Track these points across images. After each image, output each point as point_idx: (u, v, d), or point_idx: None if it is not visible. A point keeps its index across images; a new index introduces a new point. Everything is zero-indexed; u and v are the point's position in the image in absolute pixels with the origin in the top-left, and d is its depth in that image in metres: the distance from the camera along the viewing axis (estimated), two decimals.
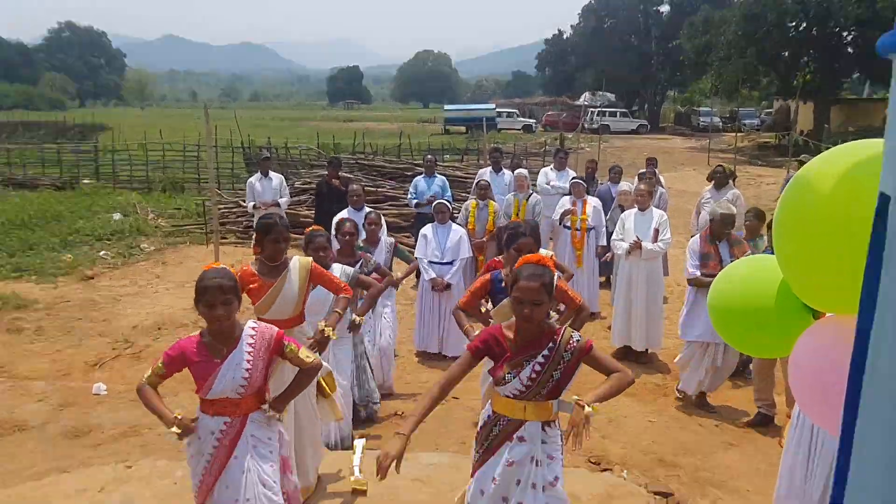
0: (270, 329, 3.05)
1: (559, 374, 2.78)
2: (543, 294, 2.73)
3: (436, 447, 4.87)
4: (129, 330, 7.48)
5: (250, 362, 2.93)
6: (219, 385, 2.88)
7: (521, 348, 2.80)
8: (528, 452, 2.84)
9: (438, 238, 6.92)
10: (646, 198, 6.71)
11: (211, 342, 2.91)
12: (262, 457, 3.01)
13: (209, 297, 2.81)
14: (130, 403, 5.65)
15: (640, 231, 6.63)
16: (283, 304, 3.85)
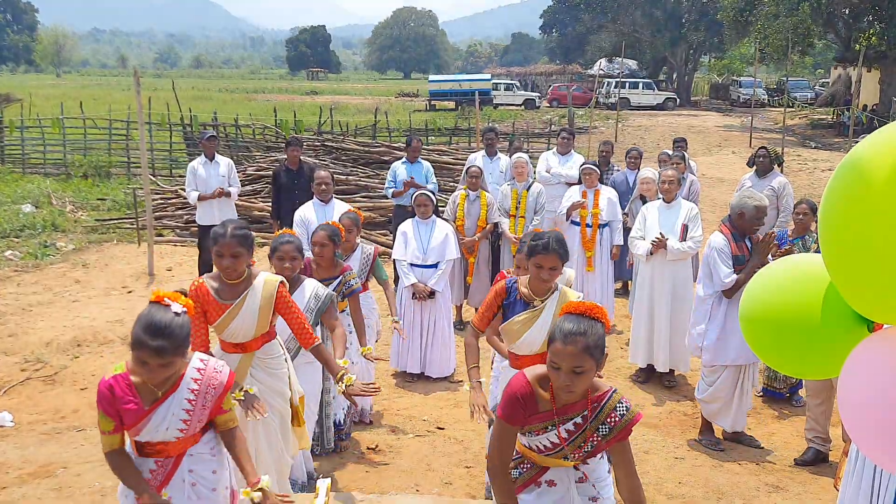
0: (220, 374, 3.02)
1: (589, 448, 2.75)
2: (585, 359, 2.58)
3: (416, 489, 4.89)
4: (41, 347, 7.43)
5: (190, 413, 2.92)
6: (148, 433, 2.89)
7: (557, 409, 2.75)
8: (562, 498, 2.83)
9: (420, 236, 6.94)
10: (673, 186, 6.74)
11: (143, 383, 2.88)
12: (201, 497, 3.02)
13: (142, 356, 2.73)
14: (42, 437, 5.64)
15: (664, 227, 6.67)
16: (242, 328, 3.87)
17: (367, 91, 57.89)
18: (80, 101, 21.75)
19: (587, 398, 2.72)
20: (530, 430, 2.76)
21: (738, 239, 5.52)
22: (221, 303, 3.79)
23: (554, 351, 2.61)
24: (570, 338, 2.57)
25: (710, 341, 5.59)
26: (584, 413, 2.70)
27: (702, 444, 5.72)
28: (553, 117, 28.18)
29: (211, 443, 3.09)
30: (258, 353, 3.95)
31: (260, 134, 18.18)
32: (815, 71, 50.31)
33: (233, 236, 3.68)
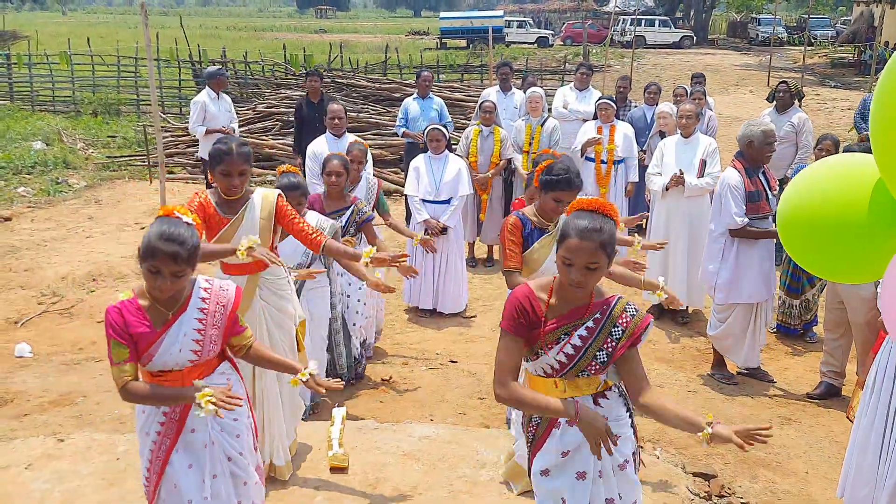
0: (226, 291, 2.99)
1: (605, 357, 2.68)
2: (601, 256, 2.54)
3: (430, 419, 4.95)
4: (57, 281, 7.50)
5: (202, 332, 2.90)
6: (161, 358, 2.86)
7: (557, 317, 2.69)
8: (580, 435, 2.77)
9: (433, 171, 6.89)
10: (690, 121, 6.64)
11: (152, 305, 2.85)
12: (225, 427, 3.03)
13: (156, 264, 2.70)
14: (61, 367, 5.73)
15: (682, 162, 6.59)
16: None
17: (377, 29, 56.98)
18: (88, 37, 21.50)
19: (589, 304, 2.68)
20: (540, 346, 2.70)
21: (752, 173, 5.36)
22: (223, 216, 3.81)
23: (568, 247, 2.56)
24: (587, 233, 2.53)
25: (723, 280, 5.49)
26: (596, 316, 2.67)
27: (714, 378, 5.75)
28: (567, 55, 27.64)
29: (227, 373, 3.09)
30: (264, 274, 3.93)
31: (269, 71, 17.96)
32: (836, 8, 48.99)
33: (239, 154, 3.71)
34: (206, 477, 2.96)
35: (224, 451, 3.03)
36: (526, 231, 3.93)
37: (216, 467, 2.99)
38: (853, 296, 5.11)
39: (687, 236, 6.68)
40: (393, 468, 4.12)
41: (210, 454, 2.98)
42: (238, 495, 3.09)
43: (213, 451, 2.99)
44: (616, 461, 2.81)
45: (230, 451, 3.04)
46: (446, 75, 19.84)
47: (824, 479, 4.40)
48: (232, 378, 3.10)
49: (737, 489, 4.27)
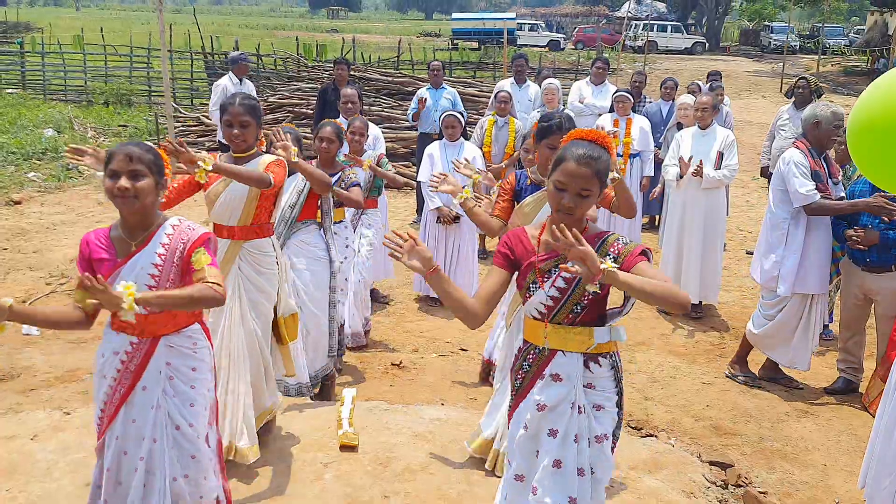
0: (192, 230, 2.87)
1: (599, 287, 2.58)
2: (594, 183, 2.55)
3: (441, 403, 4.87)
4: (65, 263, 7.46)
5: (159, 267, 2.77)
6: (116, 290, 2.67)
7: (550, 250, 2.66)
8: (566, 396, 2.70)
9: (447, 158, 6.81)
10: (707, 112, 6.54)
11: (119, 236, 2.79)
12: (179, 393, 2.90)
13: (115, 166, 2.69)
14: (67, 345, 5.68)
15: (699, 154, 6.48)
16: (228, 203, 3.78)
17: (388, 30, 56.92)
18: (101, 27, 21.53)
19: (587, 237, 2.57)
20: (532, 280, 2.66)
21: (816, 154, 5.00)
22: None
23: (564, 170, 2.56)
24: (584, 159, 2.54)
25: (787, 269, 5.02)
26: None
27: (737, 380, 5.47)
28: (579, 57, 27.58)
29: (194, 338, 2.95)
30: (246, 244, 3.84)
31: (281, 64, 17.94)
32: (849, 18, 48.86)
33: (241, 105, 3.71)
34: (146, 437, 2.84)
35: (171, 417, 2.89)
36: (519, 186, 3.97)
37: (157, 431, 2.86)
38: (887, 290, 4.98)
39: (702, 230, 6.58)
40: (404, 448, 4.05)
41: (154, 417, 2.85)
42: (183, 468, 2.92)
43: (157, 415, 2.86)
44: (594, 431, 2.71)
45: (178, 419, 2.89)
46: (461, 70, 19.79)
47: (843, 472, 4.30)
48: (199, 343, 2.97)
49: (753, 479, 4.18)
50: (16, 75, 18.49)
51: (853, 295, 5.23)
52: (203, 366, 2.97)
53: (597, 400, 2.73)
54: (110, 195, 2.73)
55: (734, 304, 7.15)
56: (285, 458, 3.93)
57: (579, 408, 2.71)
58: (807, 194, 4.87)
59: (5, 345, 5.61)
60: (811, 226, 5.03)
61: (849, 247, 5.03)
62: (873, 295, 5.09)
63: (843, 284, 5.35)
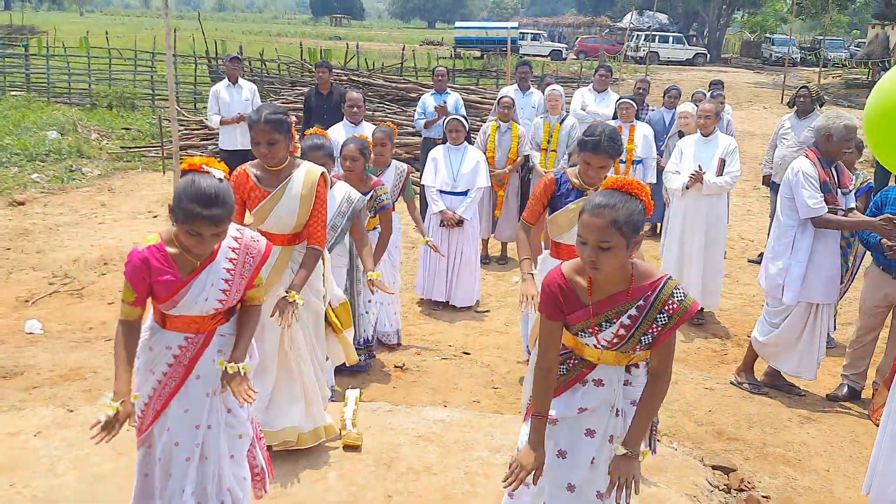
0: (257, 242, 2.93)
1: (649, 341, 2.59)
2: (612, 233, 2.41)
3: (444, 405, 4.87)
4: (68, 264, 7.46)
5: (229, 282, 2.83)
6: (185, 306, 2.79)
7: (600, 302, 2.59)
8: (608, 399, 2.72)
9: (451, 162, 6.83)
10: (710, 119, 6.55)
11: (179, 254, 2.77)
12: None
13: (198, 228, 2.61)
14: (71, 345, 5.68)
15: (701, 161, 6.49)
16: (282, 217, 3.78)
17: (391, 38, 57.10)
18: (105, 33, 21.58)
19: (628, 289, 2.56)
20: (580, 329, 2.64)
21: (826, 165, 4.94)
22: (263, 189, 3.73)
23: (581, 223, 2.48)
24: (598, 210, 2.44)
25: (793, 277, 4.99)
26: (639, 303, 2.56)
27: (742, 387, 5.43)
28: (581, 67, 27.64)
29: (224, 351, 2.98)
30: (297, 247, 3.87)
31: (285, 69, 17.97)
32: (850, 31, 48.96)
33: (266, 122, 3.56)
34: (201, 425, 2.89)
35: (224, 401, 2.96)
36: (560, 191, 3.92)
37: (212, 417, 2.92)
38: None
39: (703, 237, 6.58)
40: (407, 449, 4.04)
41: (210, 404, 2.92)
42: (232, 448, 3.02)
43: (213, 402, 2.92)
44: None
45: (231, 403, 2.97)
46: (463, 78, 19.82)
47: (846, 478, 4.30)
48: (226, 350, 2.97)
49: (756, 484, 4.18)
50: (20, 78, 18.53)
51: (878, 302, 5.20)
52: (250, 350, 3.06)
53: (634, 395, 2.78)
54: (187, 247, 2.71)
55: (735, 311, 7.15)
56: (289, 457, 3.92)
57: (617, 411, 2.76)
58: (814, 207, 4.84)
59: (10, 343, 5.61)
60: (818, 235, 4.99)
61: (883, 255, 4.99)
62: None
63: (868, 290, 5.28)
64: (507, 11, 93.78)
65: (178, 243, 2.76)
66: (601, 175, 3.82)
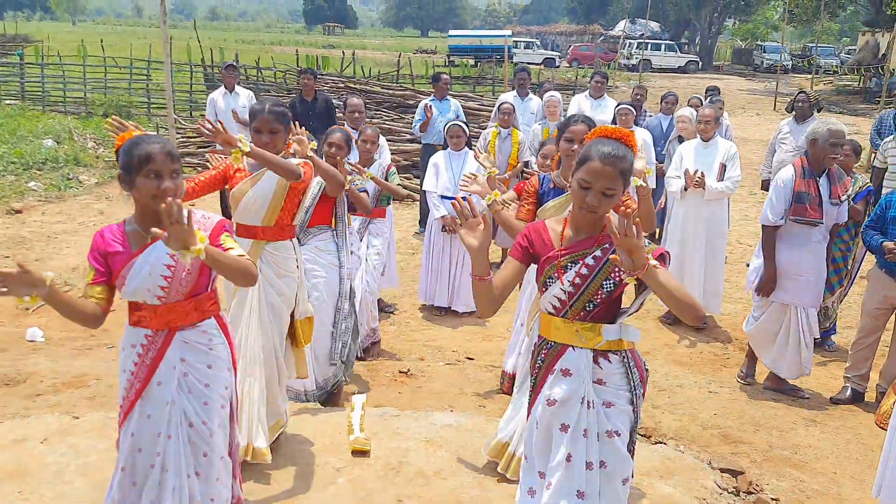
0: (208, 219, 2.84)
1: (611, 286, 2.63)
2: (618, 182, 2.55)
3: (450, 409, 4.85)
4: (67, 271, 7.42)
5: (175, 257, 2.72)
6: (132, 282, 2.72)
7: (570, 245, 2.69)
8: (576, 391, 2.69)
9: (452, 168, 6.83)
10: (710, 125, 6.58)
11: (134, 231, 2.76)
12: (193, 390, 2.86)
13: (155, 166, 2.63)
14: (73, 352, 5.65)
15: (701, 166, 6.52)
16: (254, 202, 3.80)
17: (385, 47, 57.18)
18: (101, 40, 21.56)
19: (598, 234, 2.67)
20: (548, 274, 2.67)
21: (810, 174, 5.05)
22: (248, 170, 3.81)
23: (589, 169, 2.56)
24: (609, 158, 2.53)
25: (760, 276, 5.26)
26: (605, 246, 2.64)
27: (737, 377, 5.66)
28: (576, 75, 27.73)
29: (209, 333, 2.90)
30: (268, 245, 3.86)
31: (281, 77, 17.98)
32: (840, 39, 49.27)
33: (270, 112, 3.74)
34: (162, 433, 2.81)
35: (185, 414, 2.85)
36: (542, 189, 3.97)
37: (171, 428, 2.82)
38: None
39: (704, 241, 6.61)
40: (416, 454, 4.02)
41: (169, 413, 2.82)
42: (197, 465, 2.88)
43: (172, 411, 2.82)
44: (604, 426, 2.70)
45: (192, 416, 2.85)
46: (460, 86, 19.84)
47: (854, 480, 4.30)
48: (215, 339, 2.92)
49: (764, 486, 4.17)
50: (15, 87, 18.48)
51: (879, 303, 5.24)
52: (219, 363, 2.92)
53: (607, 397, 2.72)
54: (152, 196, 2.66)
55: (736, 315, 7.16)
56: (298, 462, 3.90)
57: (589, 403, 2.71)
58: (768, 216, 5.13)
59: (11, 350, 5.58)
60: (796, 239, 5.13)
61: (888, 259, 5.01)
62: None
63: (870, 292, 5.32)
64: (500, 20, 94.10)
65: (136, 219, 2.77)
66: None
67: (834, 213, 5.13)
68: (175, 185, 2.70)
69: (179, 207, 2.47)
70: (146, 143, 2.68)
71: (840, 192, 5.12)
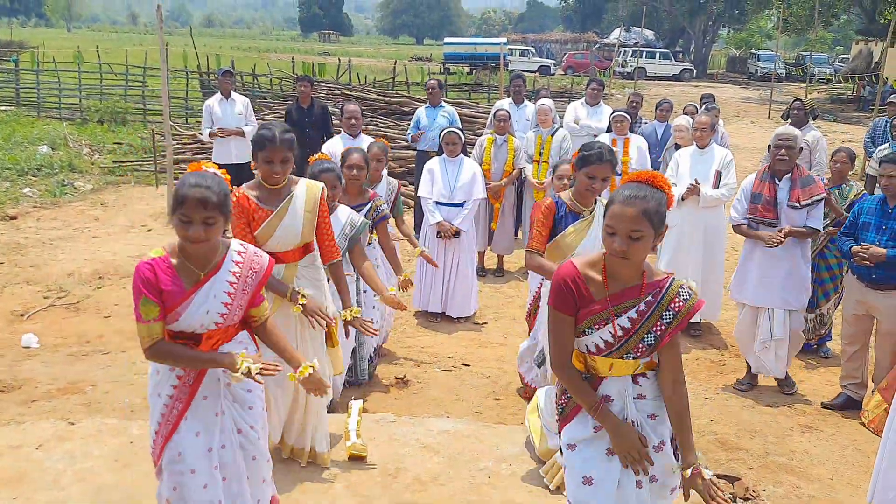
0: (260, 258, 2.94)
1: (652, 340, 2.60)
2: (644, 223, 2.46)
3: (447, 416, 4.85)
4: (63, 278, 7.41)
5: (232, 296, 2.82)
6: (187, 319, 2.77)
7: (612, 295, 2.60)
8: (620, 414, 2.69)
9: (447, 174, 6.84)
10: (706, 132, 6.61)
11: (183, 264, 2.77)
12: (238, 398, 2.93)
13: (186, 211, 2.64)
14: (68, 358, 5.63)
15: (697, 173, 6.54)
16: (285, 235, 3.76)
17: (380, 54, 57.29)
18: (96, 47, 21.56)
19: (641, 284, 2.58)
20: (588, 325, 2.62)
21: (768, 177, 5.30)
22: (266, 208, 3.70)
23: (611, 214, 2.51)
24: (630, 200, 2.48)
25: (734, 276, 5.60)
26: (648, 299, 2.58)
27: (734, 385, 5.71)
28: (571, 82, 27.81)
29: (244, 343, 2.98)
30: (301, 263, 3.87)
31: (277, 84, 17.99)
32: (834, 47, 49.55)
33: (283, 141, 3.57)
34: (214, 446, 2.85)
35: (235, 421, 2.93)
36: (559, 215, 3.92)
37: (225, 437, 2.89)
38: (892, 308, 5.02)
39: (701, 248, 6.61)
40: (412, 459, 4.03)
41: (221, 424, 2.88)
42: (248, 469, 2.98)
43: (223, 421, 2.89)
44: (651, 442, 2.70)
45: (241, 423, 2.95)
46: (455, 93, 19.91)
47: (850, 486, 4.31)
48: (250, 349, 3.00)
49: (761, 492, 4.18)
50: (10, 93, 18.47)
51: (854, 309, 5.29)
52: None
53: (649, 409, 2.73)
54: (181, 238, 2.73)
55: (732, 322, 7.11)
56: (295, 468, 3.90)
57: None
58: (732, 215, 5.54)
59: (6, 356, 5.56)
60: (760, 242, 5.33)
61: (854, 263, 5.07)
62: (876, 312, 5.14)
63: (845, 299, 5.42)
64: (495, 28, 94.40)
65: (180, 251, 2.78)
66: (604, 187, 3.86)
67: (795, 216, 5.22)
68: (206, 232, 2.69)
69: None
70: (187, 184, 2.67)
71: (800, 196, 5.20)
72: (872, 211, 5.04)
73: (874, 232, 4.98)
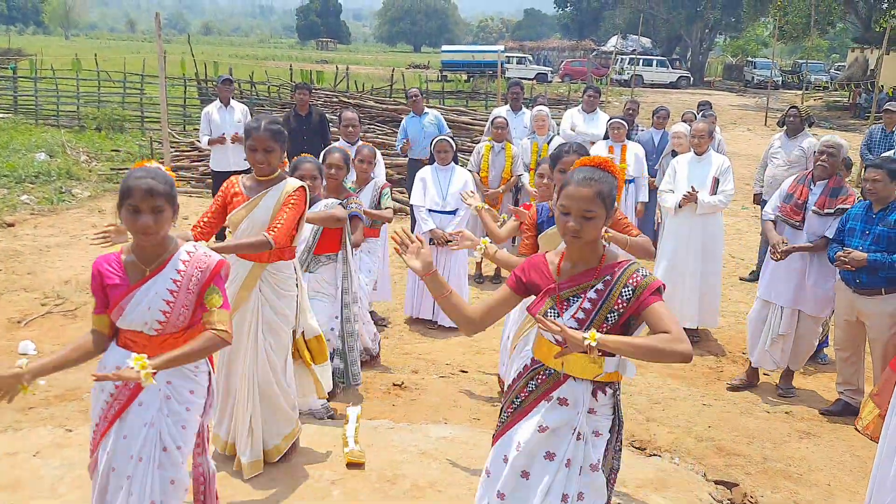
0: (209, 258, 2.87)
1: (616, 318, 2.60)
2: (597, 204, 2.56)
3: (445, 422, 4.85)
4: (60, 285, 7.40)
5: (174, 294, 2.77)
6: (129, 315, 2.76)
7: (569, 278, 2.67)
8: (570, 421, 2.68)
9: (439, 182, 6.84)
10: (704, 139, 6.63)
11: (131, 261, 2.79)
12: (172, 413, 2.85)
13: (133, 201, 2.65)
14: None
15: (695, 180, 6.55)
16: (252, 226, 3.78)
17: (378, 62, 57.46)
18: (94, 55, 21.59)
19: (598, 267, 2.64)
20: (551, 306, 2.65)
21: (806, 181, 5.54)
22: (245, 195, 3.79)
23: (566, 194, 2.60)
24: (585, 182, 2.58)
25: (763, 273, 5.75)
26: (606, 278, 2.62)
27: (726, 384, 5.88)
28: (568, 90, 27.90)
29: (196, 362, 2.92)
30: (269, 266, 3.86)
31: (275, 91, 18.03)
32: (830, 55, 49.75)
33: (266, 130, 3.71)
34: (134, 455, 2.79)
35: (161, 437, 2.83)
36: (540, 218, 4.04)
37: (145, 450, 2.80)
38: (877, 313, 5.05)
39: (700, 256, 6.61)
40: (410, 466, 4.03)
41: (145, 435, 2.80)
42: (162, 492, 2.82)
43: (149, 434, 2.80)
44: (589, 460, 2.69)
45: (168, 440, 2.83)
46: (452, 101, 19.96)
47: (848, 492, 4.31)
48: (201, 367, 2.94)
49: (759, 498, 4.18)
50: (8, 100, 18.48)
51: (845, 315, 5.31)
52: (200, 390, 2.95)
53: (596, 425, 2.73)
54: (131, 230, 2.73)
55: (730, 328, 7.18)
56: (292, 475, 3.90)
57: (579, 434, 2.69)
58: (765, 209, 5.76)
59: (3, 363, 5.54)
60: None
61: (837, 268, 5.12)
62: (864, 318, 5.16)
63: (836, 305, 5.41)
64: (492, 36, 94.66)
65: (132, 248, 2.81)
66: None
67: (817, 222, 5.31)
68: (155, 222, 2.69)
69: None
70: (133, 176, 2.70)
71: (825, 203, 5.29)
72: (859, 217, 5.08)
73: (859, 237, 5.02)
